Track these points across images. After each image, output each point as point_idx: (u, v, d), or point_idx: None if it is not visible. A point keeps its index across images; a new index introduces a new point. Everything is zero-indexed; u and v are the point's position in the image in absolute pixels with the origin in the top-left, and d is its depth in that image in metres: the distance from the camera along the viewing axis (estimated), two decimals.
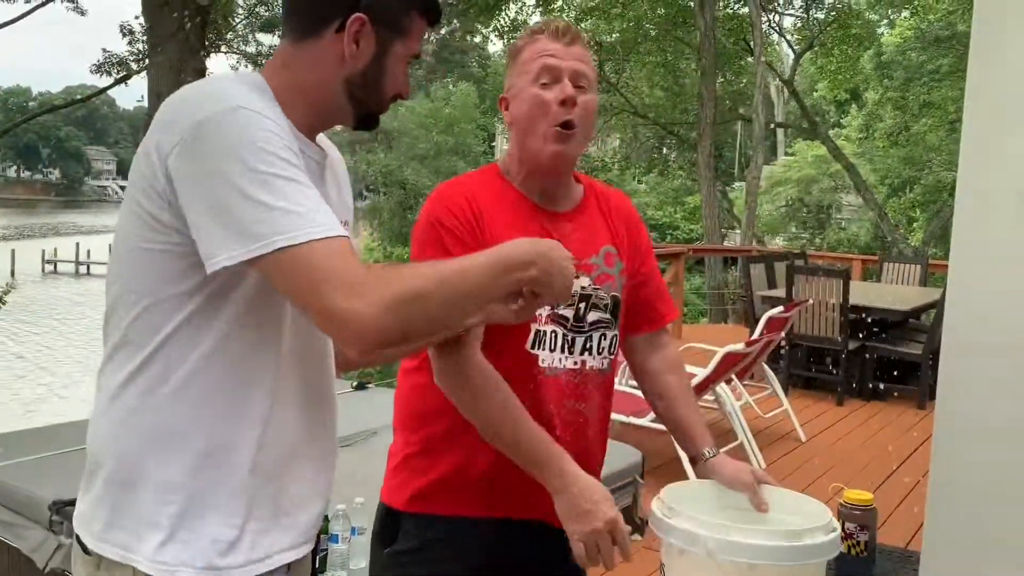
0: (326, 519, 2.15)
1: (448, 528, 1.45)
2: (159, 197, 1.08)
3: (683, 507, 1.31)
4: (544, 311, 1.43)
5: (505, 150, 1.49)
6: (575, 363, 1.46)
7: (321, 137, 1.30)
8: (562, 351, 1.45)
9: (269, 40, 14.73)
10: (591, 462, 1.50)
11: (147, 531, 1.12)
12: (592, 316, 1.47)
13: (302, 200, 1.05)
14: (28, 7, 14.94)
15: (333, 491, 2.22)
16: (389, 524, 1.51)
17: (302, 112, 1.19)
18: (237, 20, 13.17)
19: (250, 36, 14.34)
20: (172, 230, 1.09)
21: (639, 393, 1.69)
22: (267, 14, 14.06)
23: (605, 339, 1.50)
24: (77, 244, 37.98)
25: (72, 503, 1.28)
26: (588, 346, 1.47)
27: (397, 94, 1.26)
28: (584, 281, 1.46)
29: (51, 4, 13.71)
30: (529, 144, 1.44)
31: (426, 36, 1.33)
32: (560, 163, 1.46)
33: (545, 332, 1.44)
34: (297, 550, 1.22)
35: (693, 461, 1.57)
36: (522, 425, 1.34)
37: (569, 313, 1.45)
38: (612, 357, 1.52)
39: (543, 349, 1.44)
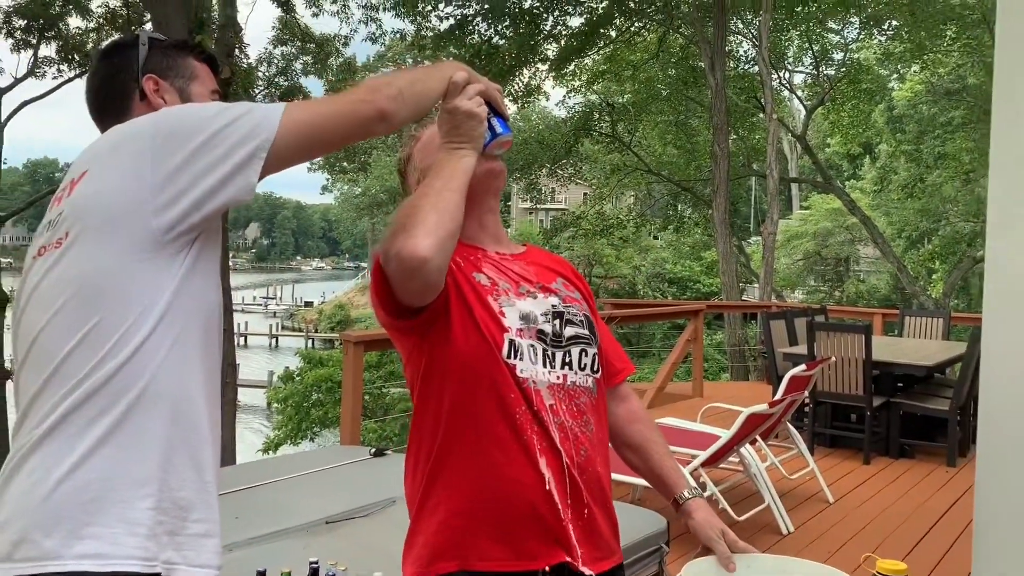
0: None
1: None
2: (148, 214, 1.18)
3: None
4: (518, 324, 1.43)
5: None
6: (557, 377, 1.43)
7: None
8: (544, 365, 1.43)
9: None
10: (602, 496, 1.45)
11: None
12: (569, 331, 1.48)
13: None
14: (56, 83, 15.40)
15: (351, 563, 2.19)
16: None
17: None
18: (257, 91, 13.50)
19: None
20: (158, 232, 1.19)
21: None
22: (286, 84, 14.41)
23: (587, 355, 1.48)
24: None
25: None
26: (568, 360, 1.46)
27: None
28: (554, 300, 1.49)
29: (78, 80, 14.14)
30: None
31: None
32: (500, 178, 1.55)
33: (522, 344, 1.42)
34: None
35: (675, 506, 1.56)
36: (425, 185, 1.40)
37: (548, 328, 1.45)
38: (596, 376, 1.50)
39: (520, 359, 1.41)
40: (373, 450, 3.85)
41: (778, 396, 4.34)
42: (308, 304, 54.18)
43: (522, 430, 1.38)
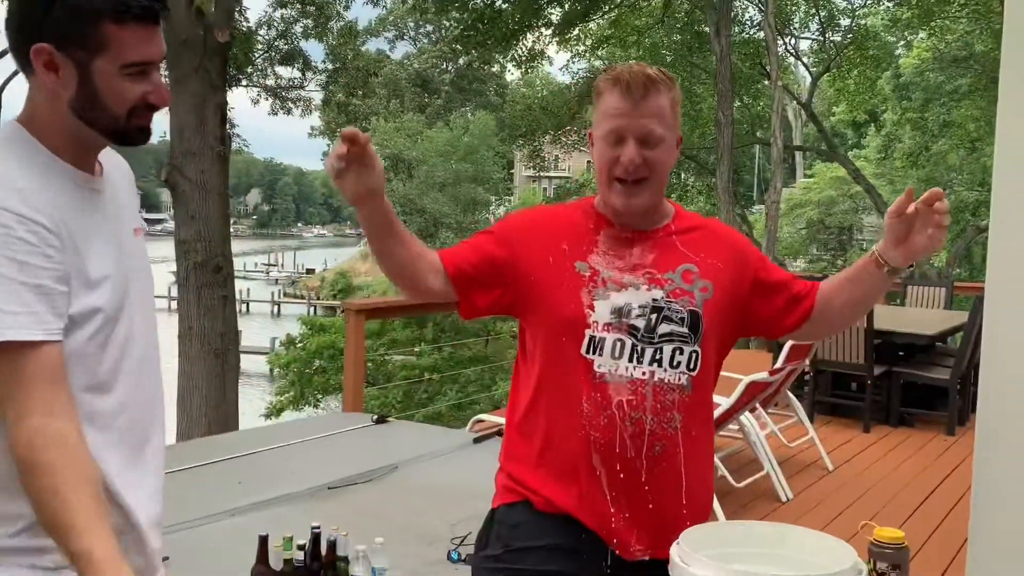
0: (346, 560, 2.13)
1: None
2: None
3: (703, 552, 1.28)
4: (607, 318, 1.49)
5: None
6: (643, 373, 1.48)
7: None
8: (629, 360, 1.48)
9: (288, 73, 14.95)
10: (677, 489, 1.51)
11: None
12: (664, 328, 1.50)
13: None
14: None
15: (353, 528, 2.20)
16: (485, 527, 1.61)
17: (59, 141, 1.23)
18: (256, 55, 13.36)
19: (269, 70, 14.55)
20: None
21: None
22: (286, 47, 14.26)
23: (682, 353, 1.50)
24: None
25: None
26: (658, 357, 1.49)
27: (146, 104, 1.23)
28: (657, 293, 1.51)
29: None
30: (601, 191, 1.56)
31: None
32: (627, 213, 1.54)
33: (605, 339, 1.48)
34: None
35: (890, 272, 1.52)
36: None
37: (640, 323, 1.49)
38: (692, 374, 1.51)
39: (599, 355, 1.48)
40: (375, 417, 3.88)
41: (778, 364, 4.35)
42: (310, 271, 54.09)
43: (585, 421, 1.48)
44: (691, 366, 1.51)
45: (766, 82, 17.53)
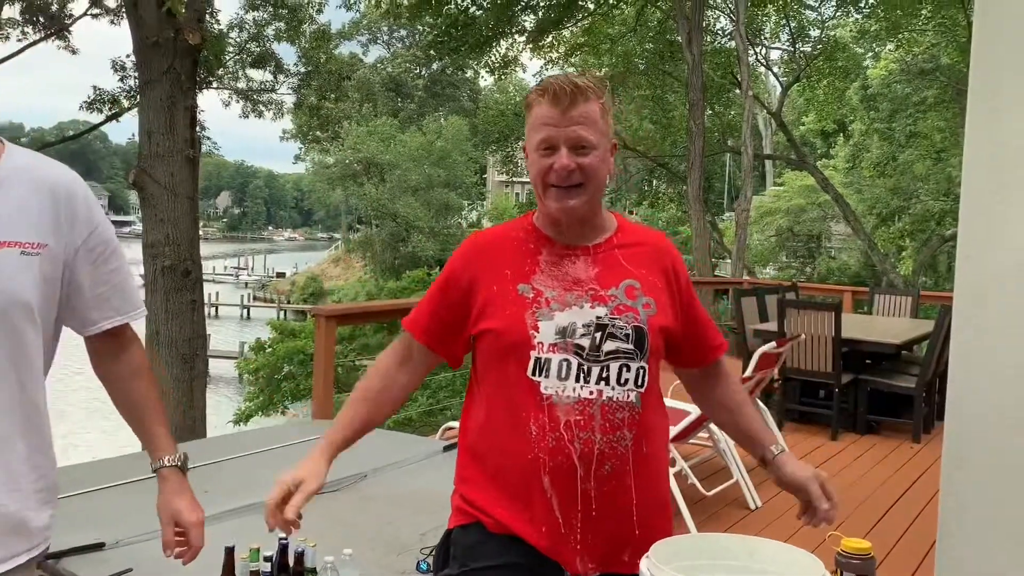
0: (314, 572, 2.10)
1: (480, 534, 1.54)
2: None
3: (673, 564, 1.28)
4: (552, 339, 1.48)
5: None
6: (590, 392, 1.47)
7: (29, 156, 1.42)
8: (576, 380, 1.47)
9: (260, 76, 14.81)
10: (628, 507, 1.50)
11: None
12: (609, 346, 1.48)
13: None
14: (20, 45, 15.01)
15: (321, 539, 2.17)
16: (441, 548, 1.61)
17: None
18: (228, 56, 13.24)
19: (240, 72, 14.40)
20: None
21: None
22: (257, 50, 14.14)
23: (628, 370, 1.49)
24: None
25: None
26: (605, 375, 1.48)
27: None
28: (600, 311, 1.49)
29: (43, 43, 13.80)
30: (539, 201, 1.57)
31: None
32: (566, 216, 1.53)
33: (550, 360, 1.46)
34: None
35: (763, 463, 1.64)
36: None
37: (586, 342, 1.48)
38: (641, 390, 1.51)
39: (546, 376, 1.46)
40: None
41: (748, 373, 4.37)
42: (280, 275, 53.66)
43: (534, 444, 1.47)
44: (639, 382, 1.50)
45: (737, 91, 17.71)
